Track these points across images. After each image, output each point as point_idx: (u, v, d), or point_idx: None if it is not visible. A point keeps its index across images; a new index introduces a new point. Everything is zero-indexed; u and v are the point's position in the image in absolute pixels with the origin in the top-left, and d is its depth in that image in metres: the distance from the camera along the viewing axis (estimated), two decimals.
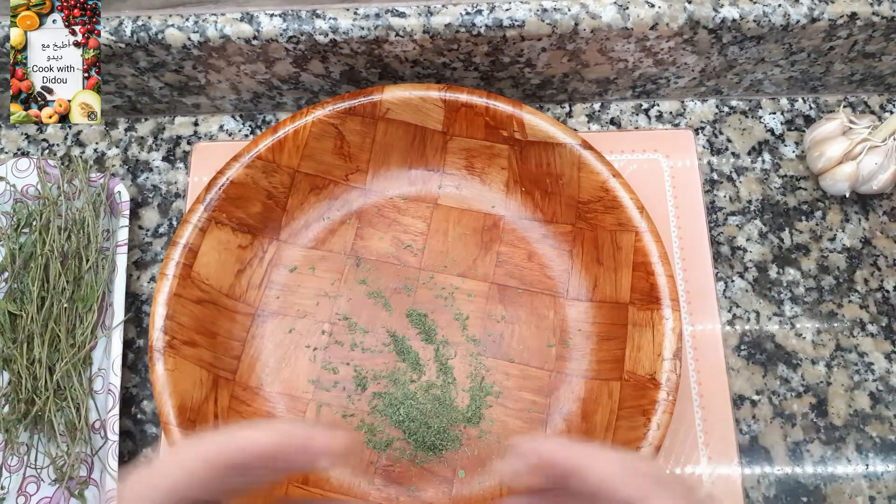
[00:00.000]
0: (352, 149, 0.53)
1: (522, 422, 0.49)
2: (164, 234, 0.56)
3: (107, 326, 0.50)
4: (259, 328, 0.51)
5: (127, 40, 0.50)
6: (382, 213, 0.55)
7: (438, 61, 0.53)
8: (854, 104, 0.60)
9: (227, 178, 0.49)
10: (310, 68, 0.54)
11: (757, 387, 0.51)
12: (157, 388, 0.44)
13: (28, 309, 0.49)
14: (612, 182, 0.50)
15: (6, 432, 0.48)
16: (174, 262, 0.47)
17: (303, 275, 0.53)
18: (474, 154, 0.54)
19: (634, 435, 0.44)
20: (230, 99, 0.58)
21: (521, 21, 0.49)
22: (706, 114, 0.59)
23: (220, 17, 0.50)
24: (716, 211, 0.56)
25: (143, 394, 0.52)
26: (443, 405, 0.49)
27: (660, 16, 0.50)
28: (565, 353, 0.50)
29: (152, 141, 0.59)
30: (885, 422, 0.51)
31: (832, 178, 0.54)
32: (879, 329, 0.53)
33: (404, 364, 0.51)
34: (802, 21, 0.50)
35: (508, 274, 0.53)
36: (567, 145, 0.50)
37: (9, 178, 0.54)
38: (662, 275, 0.47)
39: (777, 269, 0.55)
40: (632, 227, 0.49)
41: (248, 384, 0.49)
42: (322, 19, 0.50)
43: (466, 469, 0.48)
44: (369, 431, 0.49)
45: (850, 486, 0.49)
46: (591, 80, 0.57)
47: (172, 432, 0.43)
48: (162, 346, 0.45)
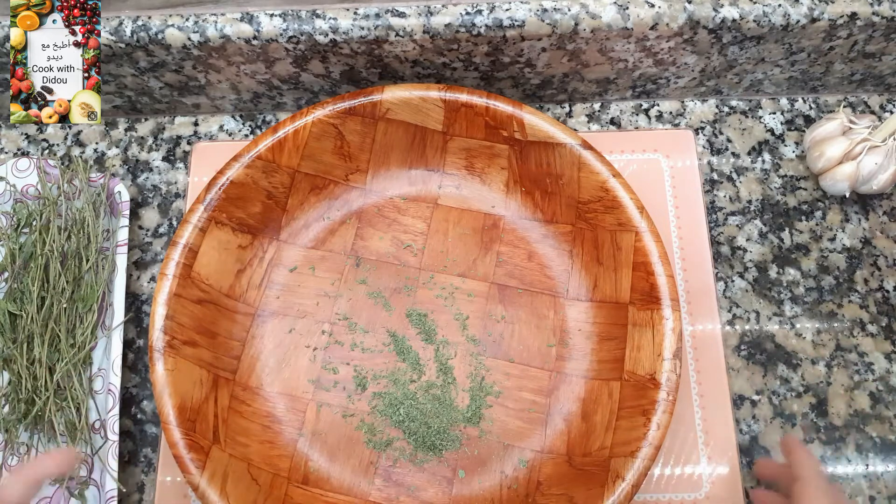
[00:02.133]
0: (352, 149, 0.53)
1: (522, 422, 0.49)
2: (164, 234, 0.56)
3: (107, 326, 0.50)
4: (259, 328, 0.51)
5: (127, 40, 0.50)
6: (382, 213, 0.55)
7: (438, 61, 0.53)
8: (854, 104, 0.60)
9: (227, 178, 0.49)
10: (310, 68, 0.54)
11: (757, 387, 0.51)
12: (157, 388, 0.44)
13: (28, 309, 0.49)
14: (612, 182, 0.50)
15: (6, 432, 0.48)
16: (174, 262, 0.47)
17: (303, 275, 0.53)
18: (474, 154, 0.54)
19: (634, 435, 0.44)
20: (230, 99, 0.58)
21: (521, 21, 0.49)
22: (706, 114, 0.59)
23: (220, 17, 0.50)
24: (716, 211, 0.56)
25: (143, 394, 0.52)
26: (443, 405, 0.49)
27: (660, 16, 0.50)
28: (565, 353, 0.50)
29: (152, 141, 0.59)
30: (885, 422, 0.51)
31: (832, 178, 0.54)
32: (879, 329, 0.53)
33: (404, 364, 0.51)
34: (802, 21, 0.50)
35: (508, 274, 0.53)
36: (567, 145, 0.50)
37: (9, 178, 0.54)
38: (662, 275, 0.47)
39: (777, 269, 0.55)
40: (632, 227, 0.49)
41: (248, 384, 0.49)
42: (322, 19, 0.50)
43: (466, 469, 0.48)
44: (369, 431, 0.49)
45: (850, 486, 0.49)
46: (591, 80, 0.57)
47: (172, 432, 0.43)
48: (162, 346, 0.45)
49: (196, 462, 0.43)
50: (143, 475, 0.50)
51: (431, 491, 0.47)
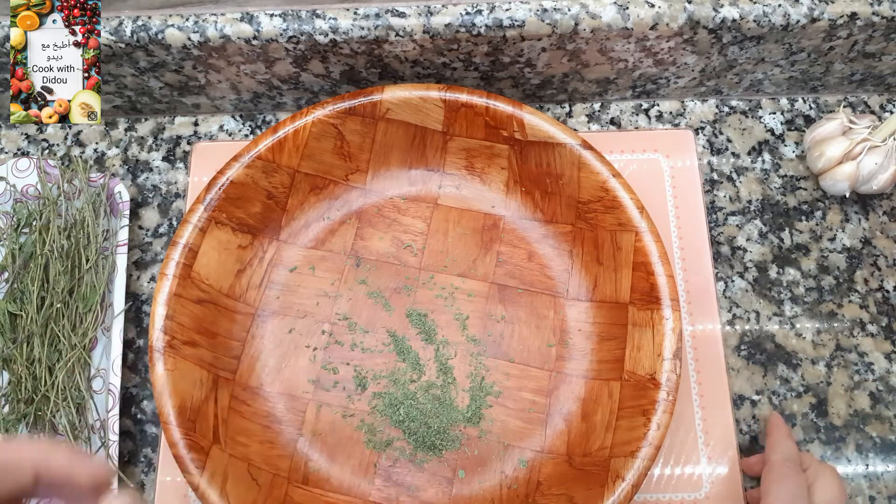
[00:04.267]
0: (352, 149, 0.53)
1: (522, 422, 0.49)
2: (164, 234, 0.56)
3: (107, 326, 0.50)
4: (259, 328, 0.51)
5: (127, 40, 0.50)
6: (382, 213, 0.55)
7: (438, 61, 0.53)
8: (854, 104, 0.60)
9: (227, 178, 0.49)
10: (310, 68, 0.54)
11: (757, 387, 0.51)
12: (157, 388, 0.44)
13: (28, 309, 0.49)
14: (612, 182, 0.50)
15: (6, 432, 0.48)
16: (174, 262, 0.47)
17: (303, 275, 0.53)
18: (474, 154, 0.54)
19: (634, 435, 0.44)
20: (230, 99, 0.58)
21: (521, 21, 0.49)
22: (706, 114, 0.59)
23: (220, 17, 0.50)
24: (716, 211, 0.56)
25: (143, 394, 0.52)
26: (443, 405, 0.49)
27: (660, 16, 0.50)
28: (565, 353, 0.50)
29: (152, 141, 0.59)
30: (885, 422, 0.51)
31: (832, 178, 0.54)
32: (879, 329, 0.53)
33: (404, 364, 0.51)
34: (802, 21, 0.50)
35: (508, 274, 0.53)
36: (567, 145, 0.50)
37: (9, 178, 0.54)
38: (662, 275, 0.47)
39: (777, 269, 0.55)
40: (632, 227, 0.49)
41: (248, 384, 0.49)
42: (322, 19, 0.50)
43: (466, 469, 0.48)
44: (369, 431, 0.49)
45: (850, 486, 0.49)
46: (591, 80, 0.57)
47: (172, 432, 0.43)
48: (162, 346, 0.45)
49: (196, 462, 0.43)
50: (143, 475, 0.50)
51: (431, 491, 0.47)
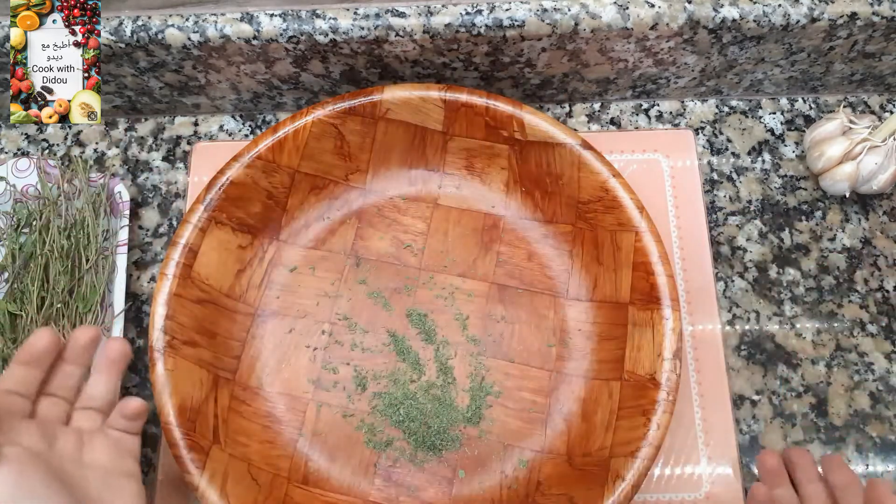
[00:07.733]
0: (352, 149, 0.53)
1: (522, 422, 0.49)
2: (164, 234, 0.56)
3: (107, 326, 0.50)
4: (259, 328, 0.51)
5: (127, 40, 0.50)
6: (382, 213, 0.55)
7: (438, 61, 0.53)
8: (854, 104, 0.60)
9: (227, 178, 0.49)
10: (310, 68, 0.54)
11: (757, 387, 0.51)
12: (157, 388, 0.44)
13: (28, 309, 0.49)
14: (612, 182, 0.50)
15: None
16: (174, 262, 0.47)
17: (303, 275, 0.53)
18: (474, 154, 0.54)
19: (634, 435, 0.44)
20: (230, 99, 0.58)
21: (521, 21, 0.49)
22: (706, 114, 0.59)
23: (220, 17, 0.50)
24: (716, 211, 0.56)
25: (143, 394, 0.52)
26: (443, 405, 0.49)
27: (660, 16, 0.50)
28: (565, 353, 0.50)
29: (152, 141, 0.59)
30: (885, 422, 0.51)
31: (832, 178, 0.54)
32: (879, 329, 0.53)
33: (404, 364, 0.51)
34: (802, 21, 0.50)
35: (508, 274, 0.53)
36: (567, 145, 0.50)
37: (9, 178, 0.54)
38: (662, 275, 0.47)
39: (777, 269, 0.55)
40: (632, 227, 0.49)
41: (247, 384, 0.49)
42: (322, 19, 0.50)
43: (466, 469, 0.48)
44: (369, 431, 0.49)
45: None
46: (591, 80, 0.57)
47: (172, 432, 0.43)
48: (162, 346, 0.45)
49: (196, 462, 0.43)
50: (143, 475, 0.50)
51: (431, 491, 0.47)
